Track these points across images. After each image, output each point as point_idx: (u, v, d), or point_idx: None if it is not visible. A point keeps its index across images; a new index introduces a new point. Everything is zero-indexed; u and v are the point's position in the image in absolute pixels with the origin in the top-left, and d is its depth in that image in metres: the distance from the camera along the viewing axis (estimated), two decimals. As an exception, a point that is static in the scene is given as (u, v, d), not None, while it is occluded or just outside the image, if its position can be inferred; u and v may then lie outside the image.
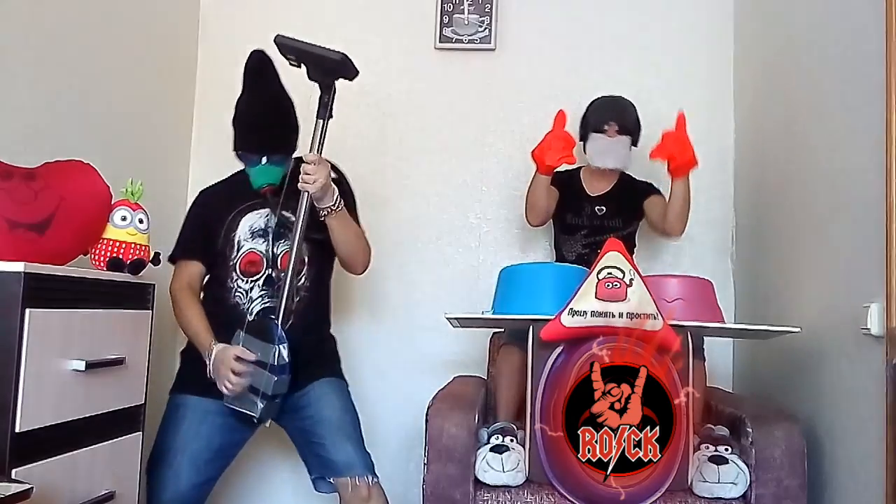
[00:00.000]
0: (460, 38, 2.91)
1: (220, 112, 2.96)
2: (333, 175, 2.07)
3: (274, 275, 2.10)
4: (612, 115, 2.46)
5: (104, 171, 1.81)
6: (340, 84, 2.07)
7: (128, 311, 1.80)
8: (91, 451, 1.66)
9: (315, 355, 2.12)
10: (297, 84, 2.09)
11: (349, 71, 2.03)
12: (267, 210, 2.13)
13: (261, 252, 2.12)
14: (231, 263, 2.12)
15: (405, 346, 2.85)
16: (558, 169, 2.63)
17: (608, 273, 1.84)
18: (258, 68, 2.10)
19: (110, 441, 1.73)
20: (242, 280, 2.11)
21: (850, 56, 1.94)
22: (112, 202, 1.82)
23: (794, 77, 2.33)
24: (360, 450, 2.06)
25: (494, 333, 2.60)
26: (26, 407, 1.45)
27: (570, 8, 2.93)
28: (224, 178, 2.25)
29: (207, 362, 2.00)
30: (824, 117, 2.09)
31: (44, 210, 1.62)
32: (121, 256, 1.78)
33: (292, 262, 2.03)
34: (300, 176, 1.98)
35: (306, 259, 2.12)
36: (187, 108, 2.96)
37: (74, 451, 1.60)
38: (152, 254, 1.88)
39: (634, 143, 2.50)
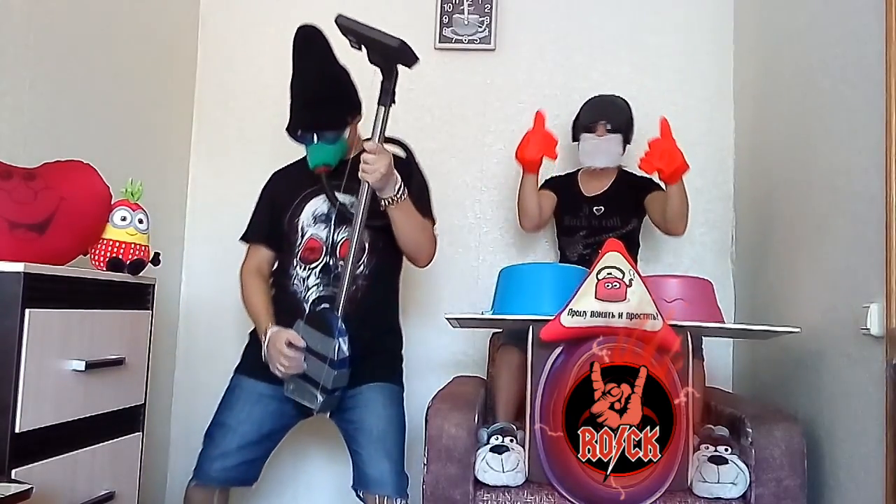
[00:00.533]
0: (460, 38, 2.91)
1: (220, 112, 2.99)
2: (402, 158, 2.04)
3: (332, 263, 2.06)
4: (601, 114, 2.47)
5: (104, 171, 1.81)
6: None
7: (128, 311, 1.81)
8: (91, 451, 1.66)
9: (372, 352, 2.03)
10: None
11: (407, 58, 1.94)
12: (337, 193, 2.06)
13: (321, 239, 2.08)
14: (295, 250, 2.09)
15: (405, 346, 2.84)
16: (555, 173, 2.64)
17: (608, 273, 1.84)
18: (303, 44, 2.01)
19: (110, 441, 1.73)
20: (301, 267, 2.08)
21: (850, 56, 1.94)
22: (112, 202, 1.82)
23: (794, 77, 2.32)
24: (394, 468, 2.00)
25: (494, 333, 2.60)
26: (26, 407, 1.45)
27: (570, 8, 2.93)
28: (298, 159, 2.18)
29: (262, 344, 2.00)
30: (824, 117, 2.09)
31: (44, 210, 1.62)
32: (121, 256, 1.78)
33: (352, 251, 1.96)
34: (361, 165, 1.91)
35: (367, 247, 2.06)
36: (187, 108, 2.96)
37: (74, 451, 1.61)
38: (152, 254, 1.88)
39: (627, 140, 2.50)
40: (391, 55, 1.93)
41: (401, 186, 1.97)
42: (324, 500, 2.81)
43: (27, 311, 1.46)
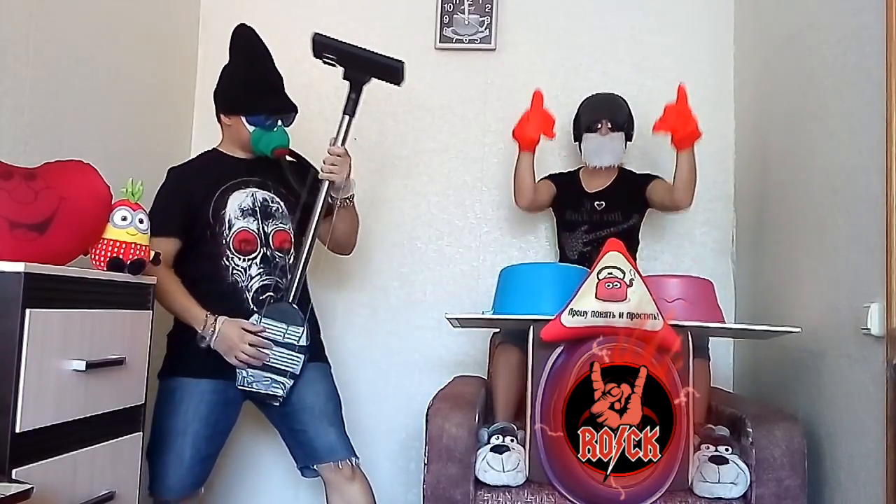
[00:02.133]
0: (460, 38, 2.91)
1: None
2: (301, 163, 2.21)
3: (269, 253, 2.14)
4: (604, 112, 2.48)
5: (104, 171, 1.81)
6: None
7: (128, 311, 1.80)
8: (91, 451, 1.66)
9: (311, 335, 2.14)
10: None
11: (399, 77, 2.17)
12: (251, 189, 2.16)
13: (253, 231, 2.14)
14: (224, 241, 2.12)
15: (405, 346, 2.85)
16: (558, 171, 2.65)
17: (608, 273, 1.84)
18: (250, 40, 2.18)
19: (110, 441, 1.73)
20: (238, 258, 2.12)
21: (850, 55, 1.94)
22: (112, 202, 1.82)
23: (795, 76, 2.33)
24: (341, 433, 2.12)
25: (494, 333, 2.60)
26: (26, 407, 1.45)
27: (570, 8, 2.93)
28: (191, 157, 2.32)
29: (207, 336, 2.01)
30: (824, 117, 2.09)
31: (44, 210, 1.62)
32: (121, 256, 1.78)
33: (307, 244, 2.12)
34: (323, 165, 2.10)
35: (293, 239, 2.19)
36: (187, 108, 2.96)
37: (74, 451, 1.60)
38: (152, 254, 1.88)
39: (628, 137, 2.52)
40: (381, 73, 2.15)
41: (353, 190, 2.19)
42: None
43: (27, 311, 1.45)
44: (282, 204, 2.19)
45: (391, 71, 2.15)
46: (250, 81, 2.16)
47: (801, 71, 2.28)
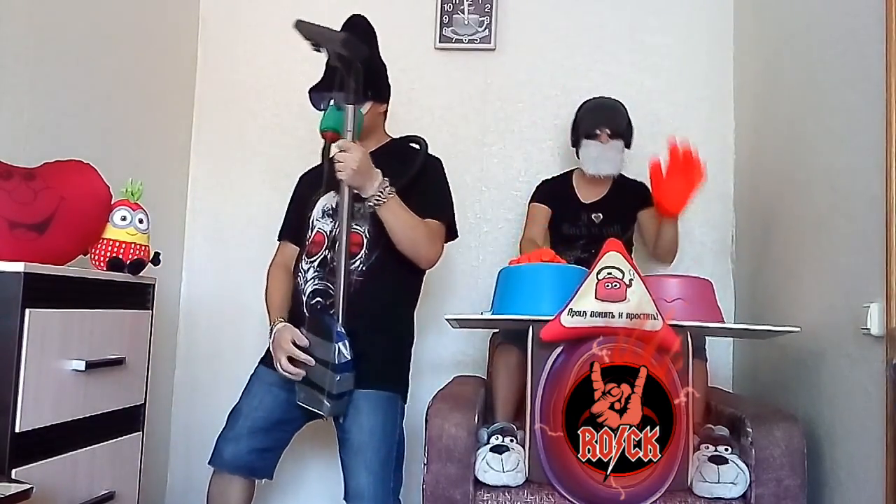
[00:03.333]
0: (460, 38, 2.91)
1: (220, 112, 2.99)
2: (415, 152, 2.05)
3: (329, 256, 2.02)
4: (604, 119, 2.45)
5: (104, 171, 1.82)
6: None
7: (128, 311, 1.81)
8: (91, 451, 1.66)
9: (365, 353, 1.91)
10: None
11: (353, 49, 1.89)
12: (344, 187, 1.97)
13: (325, 232, 2.06)
14: (306, 244, 2.11)
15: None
16: (550, 175, 2.63)
17: (608, 273, 1.84)
18: (348, 24, 2.08)
19: (110, 441, 1.73)
20: (305, 261, 2.08)
21: (850, 56, 1.94)
22: (112, 202, 1.82)
23: (794, 77, 2.33)
24: (373, 480, 1.94)
25: (494, 333, 2.60)
26: (26, 407, 1.45)
27: (570, 8, 2.93)
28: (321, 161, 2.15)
29: (269, 338, 2.01)
30: (824, 117, 2.09)
31: (44, 210, 1.62)
32: (121, 256, 1.78)
33: (342, 251, 1.91)
34: (335, 164, 1.89)
35: (365, 241, 2.00)
36: (187, 108, 2.96)
37: (74, 451, 1.61)
38: (152, 254, 1.88)
39: (627, 145, 2.49)
40: (343, 52, 1.89)
41: (383, 184, 1.90)
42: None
43: (27, 311, 1.46)
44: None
45: (345, 44, 1.88)
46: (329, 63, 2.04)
47: (801, 71, 2.28)
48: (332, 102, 1.97)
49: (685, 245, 2.77)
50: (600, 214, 2.47)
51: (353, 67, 1.90)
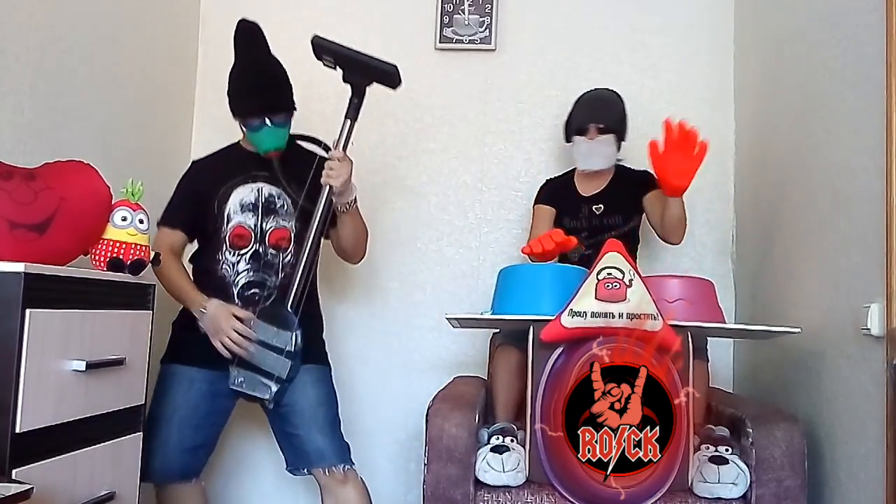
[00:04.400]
0: (460, 38, 2.91)
1: (220, 112, 2.98)
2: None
3: (261, 250, 2.14)
4: (592, 115, 2.44)
5: (104, 171, 1.81)
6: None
7: (128, 312, 1.80)
8: (91, 451, 1.66)
9: (304, 335, 2.10)
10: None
11: (396, 81, 2.13)
12: (258, 185, 2.16)
13: (249, 226, 2.15)
14: (221, 236, 2.15)
15: (405, 346, 2.85)
16: (549, 177, 2.63)
17: (608, 273, 1.84)
18: (248, 35, 2.12)
19: (110, 441, 1.73)
20: (230, 253, 2.15)
21: (850, 56, 1.94)
22: (112, 202, 1.82)
23: (795, 77, 2.33)
24: (332, 440, 2.10)
25: (494, 333, 2.60)
26: (26, 407, 1.45)
27: (570, 8, 2.93)
28: (216, 150, 2.28)
29: (199, 318, 2.05)
30: (824, 117, 2.09)
31: (44, 210, 1.62)
32: (121, 257, 1.78)
33: (307, 248, 2.07)
34: (324, 170, 2.05)
35: (293, 237, 2.16)
36: (187, 108, 2.96)
37: (74, 451, 1.60)
38: (152, 254, 1.88)
39: (621, 137, 2.46)
40: (379, 77, 2.11)
41: (356, 195, 2.13)
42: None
43: (27, 311, 1.45)
44: (289, 200, 2.18)
45: (387, 75, 2.11)
46: (236, 82, 2.15)
47: (801, 71, 2.28)
48: (269, 122, 2.10)
49: (686, 245, 2.77)
50: (601, 206, 2.47)
51: (365, 91, 2.11)
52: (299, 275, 2.08)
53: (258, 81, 2.13)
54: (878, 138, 1.73)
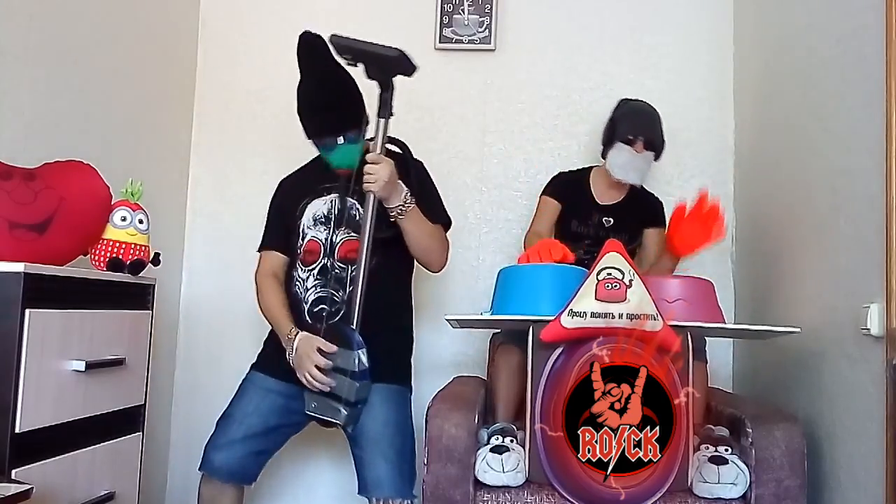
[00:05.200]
0: (460, 38, 2.91)
1: (220, 112, 2.99)
2: (400, 156, 2.04)
3: (329, 264, 2.06)
4: (644, 129, 2.39)
5: (104, 171, 1.81)
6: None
7: (128, 312, 1.81)
8: (91, 451, 1.66)
9: (375, 351, 1.97)
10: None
11: (406, 67, 1.97)
12: (332, 196, 2.09)
13: (320, 240, 2.09)
14: (297, 252, 2.12)
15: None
16: (564, 170, 2.60)
17: (608, 274, 1.84)
18: (308, 50, 2.02)
19: (110, 441, 1.73)
20: (301, 269, 2.10)
21: (850, 56, 1.94)
22: (112, 202, 1.82)
23: (794, 77, 2.32)
24: (392, 470, 1.99)
25: (494, 333, 2.60)
26: (26, 407, 1.45)
27: (570, 8, 2.93)
28: (303, 164, 2.22)
29: (288, 349, 2.00)
30: (824, 117, 2.09)
31: (44, 210, 1.62)
32: (121, 257, 1.78)
33: (363, 263, 1.96)
34: (364, 177, 1.93)
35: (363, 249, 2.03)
36: (187, 108, 2.96)
37: (74, 451, 1.61)
38: (152, 254, 1.88)
39: (657, 157, 2.44)
40: (390, 66, 1.97)
41: (407, 195, 1.98)
42: (321, 502, 2.80)
43: (27, 311, 1.46)
44: (361, 210, 2.03)
45: (401, 63, 1.96)
46: (303, 100, 2.04)
47: (801, 71, 2.28)
48: (342, 139, 2.01)
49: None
50: (611, 219, 2.44)
51: (392, 83, 1.99)
52: (358, 290, 1.96)
53: (323, 98, 2.02)
54: (878, 138, 1.73)
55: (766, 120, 2.58)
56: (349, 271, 2.03)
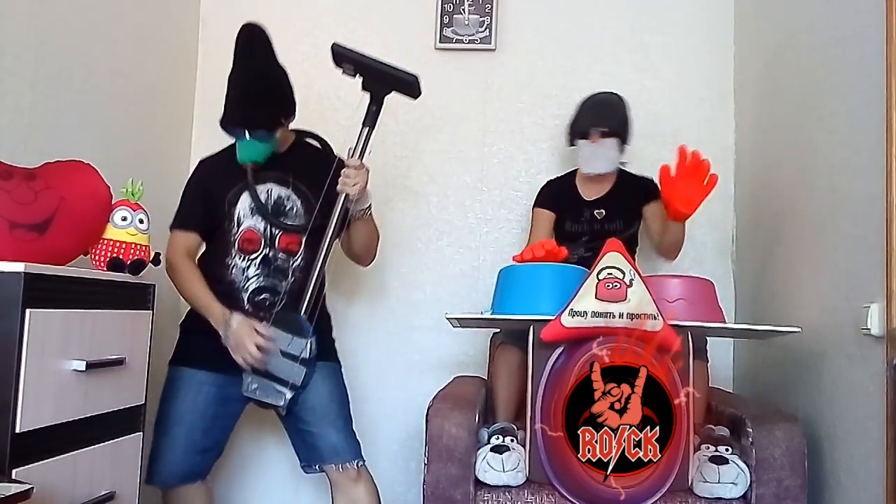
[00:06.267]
0: (460, 38, 2.91)
1: (220, 112, 2.98)
2: (324, 153, 2.15)
3: (271, 255, 2.11)
4: (595, 119, 2.44)
5: (104, 171, 1.81)
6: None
7: (128, 312, 1.80)
8: (91, 451, 1.66)
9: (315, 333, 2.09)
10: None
11: (416, 91, 2.13)
12: (268, 185, 2.13)
13: (258, 230, 2.11)
14: (230, 239, 2.12)
15: (405, 346, 2.85)
16: (550, 178, 2.62)
17: (608, 273, 1.84)
18: (246, 41, 2.08)
19: (110, 441, 1.73)
20: (240, 257, 2.12)
21: (850, 56, 1.94)
22: (112, 202, 1.82)
23: (795, 77, 2.33)
24: (345, 436, 2.11)
25: (494, 333, 2.60)
26: (26, 407, 1.45)
27: (570, 8, 2.93)
28: (224, 148, 2.22)
29: (222, 331, 2.02)
30: (824, 117, 2.09)
31: (44, 210, 1.62)
32: (121, 257, 1.78)
33: (321, 256, 2.07)
34: (340, 178, 2.03)
35: (302, 241, 2.13)
36: (187, 108, 2.96)
37: (74, 451, 1.60)
38: (152, 254, 1.88)
39: (624, 141, 2.46)
40: (400, 87, 2.11)
41: (370, 202, 2.12)
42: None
43: (27, 311, 1.45)
44: (298, 202, 2.14)
45: (408, 85, 2.10)
46: (228, 89, 2.09)
47: (801, 71, 2.28)
48: (247, 135, 2.06)
49: (686, 245, 2.76)
50: (603, 210, 2.47)
51: (383, 98, 2.10)
52: (313, 281, 2.06)
53: (242, 92, 2.07)
54: (878, 138, 1.73)
55: (766, 120, 2.58)
56: (290, 262, 2.11)
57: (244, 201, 2.12)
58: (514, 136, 2.91)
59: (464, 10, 2.91)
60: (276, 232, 2.12)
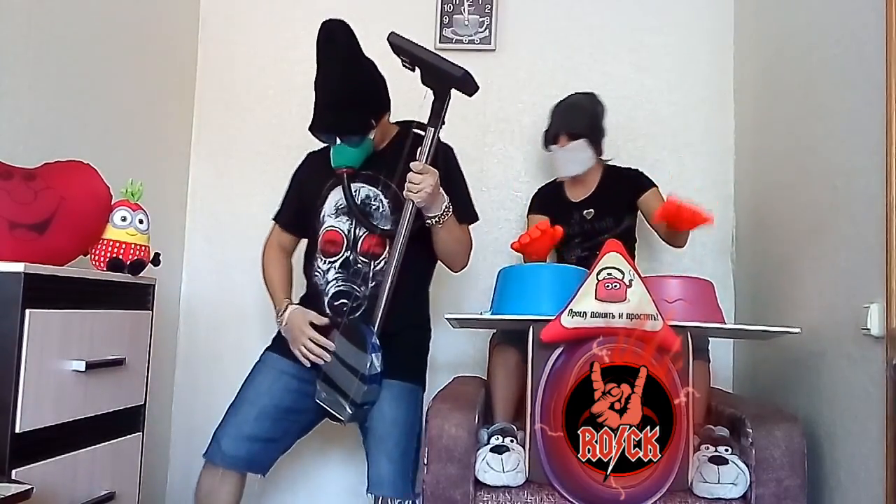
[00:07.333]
0: (460, 38, 2.91)
1: (220, 112, 2.99)
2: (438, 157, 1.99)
3: (352, 258, 2.01)
4: (561, 123, 2.44)
5: (104, 171, 1.81)
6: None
7: (128, 312, 1.81)
8: (91, 452, 1.66)
9: (392, 347, 1.96)
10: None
11: (469, 87, 1.97)
12: (357, 185, 2.02)
13: (342, 231, 2.03)
14: (316, 239, 2.07)
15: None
16: (541, 184, 2.64)
17: (608, 274, 1.84)
18: (326, 41, 1.96)
19: (110, 441, 1.73)
20: (321, 260, 2.05)
21: (850, 56, 1.94)
22: (112, 202, 1.82)
23: (795, 77, 2.32)
24: (396, 469, 1.98)
25: (494, 333, 2.60)
26: (26, 407, 1.45)
27: (570, 8, 2.93)
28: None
29: (279, 322, 2.00)
30: (824, 117, 2.09)
31: (44, 210, 1.62)
32: (121, 257, 1.78)
33: (392, 268, 1.93)
34: (406, 184, 1.89)
35: (387, 242, 2.00)
36: (187, 108, 2.96)
37: (74, 452, 1.61)
38: (152, 254, 1.88)
39: (594, 139, 2.44)
40: (451, 83, 1.96)
41: (446, 205, 1.96)
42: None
43: (27, 311, 1.46)
44: (385, 202, 2.02)
45: (463, 82, 1.95)
46: (316, 95, 1.99)
47: (801, 71, 2.28)
48: (338, 140, 1.98)
49: (686, 245, 2.77)
50: (591, 210, 2.47)
51: (449, 95, 1.96)
52: (385, 291, 1.94)
53: (327, 97, 1.96)
54: (878, 138, 1.73)
55: (766, 120, 2.58)
56: (371, 266, 1.99)
57: (331, 200, 2.05)
58: (514, 135, 2.91)
59: (464, 10, 2.91)
60: (360, 233, 2.02)
